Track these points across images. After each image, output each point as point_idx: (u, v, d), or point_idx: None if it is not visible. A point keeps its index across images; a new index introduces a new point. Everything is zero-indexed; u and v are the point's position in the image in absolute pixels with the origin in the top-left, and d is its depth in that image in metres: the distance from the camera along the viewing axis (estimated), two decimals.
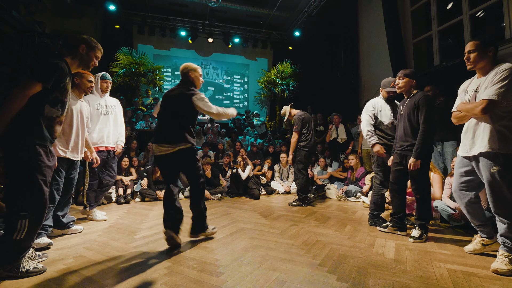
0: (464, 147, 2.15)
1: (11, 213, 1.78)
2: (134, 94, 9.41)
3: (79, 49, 2.06)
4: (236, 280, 1.80)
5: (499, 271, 1.88)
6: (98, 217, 3.38)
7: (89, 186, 3.35)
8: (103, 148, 3.36)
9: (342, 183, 5.53)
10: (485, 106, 1.89)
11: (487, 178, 1.97)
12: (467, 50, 2.08)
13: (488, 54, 2.00)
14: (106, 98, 3.42)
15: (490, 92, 1.88)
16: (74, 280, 1.79)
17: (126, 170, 5.01)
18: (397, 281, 1.79)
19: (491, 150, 1.92)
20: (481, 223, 2.23)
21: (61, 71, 1.89)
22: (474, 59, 2.04)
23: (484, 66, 2.03)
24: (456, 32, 5.64)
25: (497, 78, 1.89)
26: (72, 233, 2.81)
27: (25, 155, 1.79)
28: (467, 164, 2.18)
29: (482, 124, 2.00)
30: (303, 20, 10.20)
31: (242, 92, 12.54)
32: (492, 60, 2.01)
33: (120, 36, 10.13)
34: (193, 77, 2.63)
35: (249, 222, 3.32)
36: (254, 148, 6.85)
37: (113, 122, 3.45)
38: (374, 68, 7.51)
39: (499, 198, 1.94)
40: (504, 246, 1.96)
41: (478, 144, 2.01)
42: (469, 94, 2.12)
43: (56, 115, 1.95)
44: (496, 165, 1.91)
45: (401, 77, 2.76)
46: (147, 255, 2.24)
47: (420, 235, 2.60)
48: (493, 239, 2.20)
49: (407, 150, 2.68)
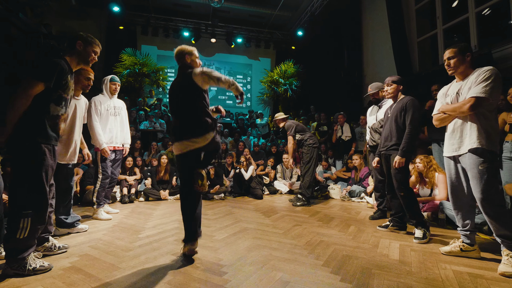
0: (451, 146, 2.19)
1: (14, 212, 1.81)
2: (138, 94, 9.47)
3: (76, 45, 2.08)
4: (240, 279, 1.80)
5: (506, 274, 1.85)
6: (104, 216, 3.43)
7: (101, 185, 3.44)
8: (112, 148, 3.49)
9: (346, 183, 5.50)
10: (473, 103, 1.96)
11: (475, 176, 1.98)
12: (446, 57, 2.21)
13: (466, 59, 2.13)
14: (114, 100, 3.57)
15: (476, 90, 1.96)
16: (80, 278, 1.80)
17: (130, 169, 5.04)
18: (402, 283, 1.77)
19: (480, 146, 1.97)
20: (471, 229, 2.21)
21: (61, 69, 1.91)
22: (455, 64, 2.16)
23: (463, 70, 2.15)
24: (461, 30, 5.59)
25: (481, 78, 1.98)
26: (77, 232, 2.84)
27: (29, 154, 1.82)
28: (454, 166, 2.23)
29: (469, 123, 2.06)
30: (306, 20, 10.17)
31: (245, 92, 12.52)
32: (470, 65, 2.14)
33: (124, 37, 10.23)
34: (190, 62, 2.33)
35: (252, 222, 3.32)
36: (257, 148, 6.85)
37: (120, 123, 3.61)
38: (378, 68, 7.46)
39: (487, 195, 1.95)
40: (504, 245, 1.95)
41: (467, 142, 2.06)
42: (450, 96, 2.21)
43: (61, 113, 1.99)
44: (484, 162, 1.95)
45: (389, 84, 2.91)
46: (151, 254, 2.25)
47: (424, 234, 2.60)
48: (473, 247, 2.20)
49: (391, 149, 2.81)
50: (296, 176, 5.97)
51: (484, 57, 4.59)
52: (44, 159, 1.86)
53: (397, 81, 2.90)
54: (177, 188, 5.05)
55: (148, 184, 4.93)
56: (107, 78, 3.51)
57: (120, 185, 4.71)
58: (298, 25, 10.78)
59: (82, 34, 2.13)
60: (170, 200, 4.83)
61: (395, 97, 2.92)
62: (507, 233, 1.92)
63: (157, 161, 5.28)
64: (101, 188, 3.45)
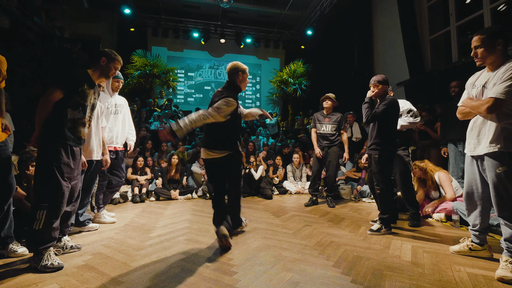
0: (468, 146, 2.09)
1: (34, 204, 1.98)
2: (148, 95, 9.61)
3: (100, 61, 2.28)
4: (250, 279, 1.80)
5: (504, 279, 1.78)
6: (107, 219, 3.29)
7: (99, 187, 3.27)
8: (112, 148, 3.32)
9: (356, 183, 5.43)
10: (491, 105, 1.81)
11: (492, 179, 1.88)
12: (473, 45, 1.96)
13: (497, 47, 1.86)
14: (116, 97, 3.39)
15: (498, 90, 1.78)
16: (93, 276, 1.84)
17: (141, 169, 5.12)
18: (415, 284, 1.74)
19: (497, 149, 1.84)
20: (481, 229, 2.15)
21: (75, 79, 2.14)
22: (482, 55, 1.92)
23: (494, 61, 1.90)
24: (476, 27, 5.43)
25: (507, 75, 1.78)
26: (88, 231, 2.90)
27: (46, 152, 2.00)
28: (472, 165, 2.11)
29: (488, 122, 1.91)
30: (315, 19, 10.09)
31: (254, 92, 12.56)
32: (502, 54, 1.87)
33: (135, 39, 10.40)
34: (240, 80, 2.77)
35: (262, 222, 3.32)
36: (266, 148, 6.84)
37: (122, 122, 3.40)
38: (389, 67, 7.34)
39: (504, 200, 1.86)
40: (508, 252, 1.88)
41: (483, 143, 1.93)
42: (476, 88, 2.02)
43: (78, 117, 2.16)
44: (502, 165, 1.82)
45: (375, 85, 2.92)
46: (162, 253, 2.28)
47: (378, 228, 2.81)
48: (483, 247, 2.17)
49: (371, 149, 2.95)
50: (306, 177, 5.94)
51: None
52: (60, 157, 2.02)
53: (382, 81, 2.91)
54: (187, 188, 5.11)
55: (159, 184, 4.99)
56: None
57: (132, 185, 4.80)
58: (307, 24, 10.71)
59: (107, 51, 2.33)
60: (180, 200, 4.88)
61: (382, 97, 2.93)
62: None
63: (166, 162, 5.35)
64: (98, 190, 3.26)
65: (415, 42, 6.26)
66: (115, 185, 3.46)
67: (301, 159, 6.08)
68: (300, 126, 8.61)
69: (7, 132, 2.13)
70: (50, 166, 1.98)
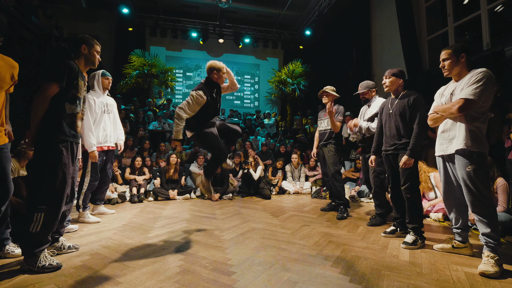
0: (440, 146, 2.23)
1: (29, 206, 1.91)
2: (147, 95, 9.58)
3: (81, 49, 2.19)
4: (248, 279, 1.80)
5: (486, 273, 1.86)
6: (91, 219, 3.23)
7: (89, 187, 3.22)
8: (106, 148, 3.29)
9: (355, 183, 5.45)
10: (462, 104, 1.98)
11: (463, 177, 2.03)
12: (441, 58, 2.21)
13: (461, 60, 2.11)
14: (105, 97, 3.34)
15: (466, 92, 1.98)
16: (90, 277, 1.84)
17: (140, 169, 5.11)
18: (412, 284, 1.75)
19: (466, 147, 2.00)
20: (462, 227, 2.27)
21: (71, 69, 2.04)
22: (449, 66, 2.16)
23: (459, 72, 2.14)
24: (473, 28, 5.46)
25: (473, 80, 1.98)
26: (67, 232, 2.79)
27: (46, 151, 1.94)
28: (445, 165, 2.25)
29: (458, 124, 2.08)
30: (314, 19, 10.10)
31: (253, 92, 12.55)
32: (466, 66, 2.12)
33: (133, 39, 10.35)
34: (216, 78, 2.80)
35: (261, 222, 3.32)
36: (264, 148, 6.84)
37: (113, 121, 3.41)
38: (387, 67, 7.30)
39: (475, 196, 1.99)
40: (488, 246, 1.98)
41: (455, 142, 2.09)
42: (445, 97, 2.21)
43: (76, 111, 2.11)
44: (471, 164, 1.99)
45: (388, 76, 2.73)
46: (160, 253, 2.28)
47: (414, 241, 2.45)
48: (465, 244, 2.27)
49: (400, 148, 2.61)
50: (304, 177, 5.95)
51: (497, 54, 4.48)
52: (61, 158, 1.97)
53: (397, 74, 2.69)
54: (185, 188, 5.09)
55: (157, 184, 4.98)
56: (98, 73, 3.22)
57: (130, 185, 4.78)
58: (306, 24, 10.71)
59: (84, 37, 2.22)
60: (179, 200, 4.87)
61: (396, 91, 2.71)
62: (492, 234, 1.95)
63: (164, 162, 5.34)
64: (88, 190, 3.22)
65: (413, 42, 6.27)
66: (103, 184, 3.49)
67: (299, 159, 6.09)
68: (298, 126, 8.61)
69: (10, 138, 2.11)
70: (51, 166, 1.92)
